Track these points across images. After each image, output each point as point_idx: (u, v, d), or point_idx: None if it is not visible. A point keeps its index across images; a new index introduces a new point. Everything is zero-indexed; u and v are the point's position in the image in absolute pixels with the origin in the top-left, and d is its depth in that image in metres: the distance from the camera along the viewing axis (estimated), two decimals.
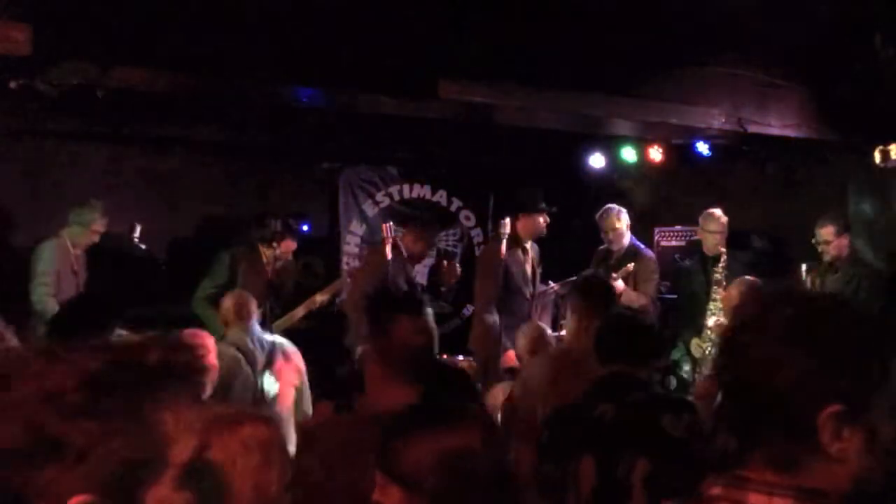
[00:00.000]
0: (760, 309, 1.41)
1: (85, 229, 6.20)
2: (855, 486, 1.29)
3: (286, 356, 4.83)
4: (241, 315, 4.80)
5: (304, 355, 4.99)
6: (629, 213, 6.98)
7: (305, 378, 4.88)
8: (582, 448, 3.02)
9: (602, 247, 7.03)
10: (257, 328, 4.85)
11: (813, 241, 6.35)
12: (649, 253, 6.95)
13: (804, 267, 6.36)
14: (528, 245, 6.73)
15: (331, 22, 5.14)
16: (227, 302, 4.95)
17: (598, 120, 6.55)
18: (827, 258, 6.31)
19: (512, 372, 5.56)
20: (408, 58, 5.34)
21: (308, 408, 4.79)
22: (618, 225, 6.84)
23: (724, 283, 6.40)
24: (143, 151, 7.39)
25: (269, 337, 4.91)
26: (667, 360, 6.43)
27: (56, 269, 6.09)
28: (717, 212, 6.77)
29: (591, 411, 3.08)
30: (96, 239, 6.30)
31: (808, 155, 6.97)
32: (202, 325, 6.31)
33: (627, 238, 6.90)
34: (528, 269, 6.67)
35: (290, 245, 6.70)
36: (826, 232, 6.29)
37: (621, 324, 3.49)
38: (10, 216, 6.93)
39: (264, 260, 6.51)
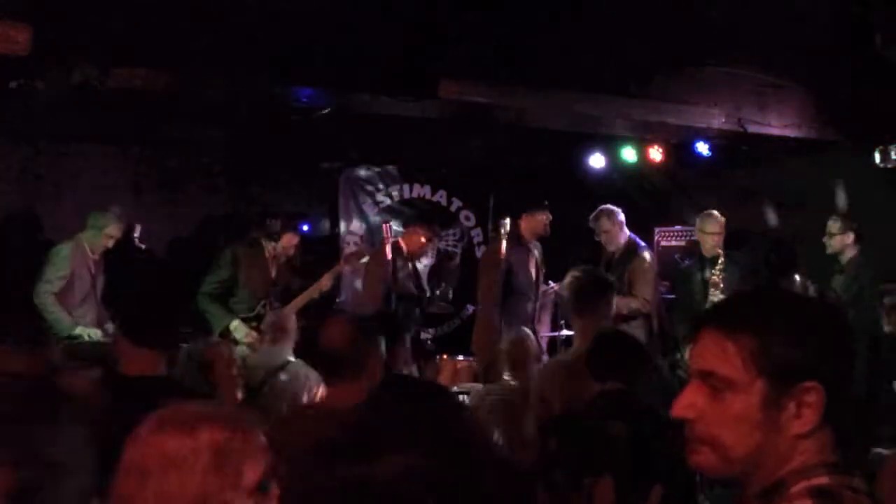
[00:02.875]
0: None
1: (99, 233, 6.25)
2: None
3: None
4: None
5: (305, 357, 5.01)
6: (629, 213, 6.94)
7: None
8: (600, 466, 3.03)
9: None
10: None
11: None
12: (645, 253, 6.78)
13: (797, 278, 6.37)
14: (532, 245, 6.70)
15: (330, 22, 5.14)
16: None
17: (598, 120, 6.56)
18: (829, 251, 6.37)
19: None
20: (408, 58, 5.35)
21: None
22: (608, 226, 6.73)
23: (722, 285, 6.38)
24: (143, 151, 7.39)
25: None
26: (672, 357, 6.42)
27: (71, 272, 6.12)
28: (715, 213, 6.73)
29: (603, 429, 3.10)
30: (110, 244, 6.34)
31: (808, 155, 6.97)
32: (205, 322, 6.34)
33: (623, 238, 6.78)
34: (532, 269, 6.65)
35: (291, 240, 6.69)
36: (832, 225, 6.37)
37: (609, 342, 3.65)
38: (9, 216, 6.93)
39: (266, 256, 6.52)
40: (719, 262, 6.58)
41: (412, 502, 1.04)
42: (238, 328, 6.12)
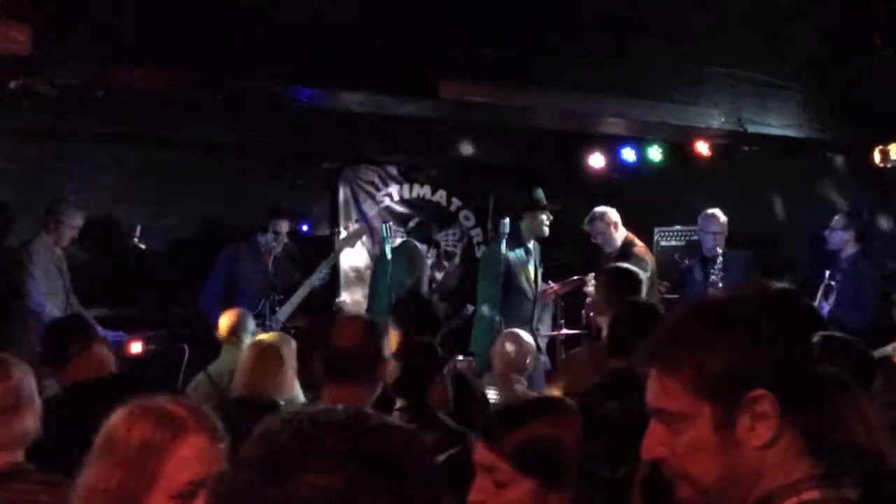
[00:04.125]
0: None
1: (63, 225, 6.25)
2: None
3: None
4: None
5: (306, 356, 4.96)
6: (630, 213, 6.92)
7: None
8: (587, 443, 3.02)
9: None
10: None
11: None
12: (641, 252, 6.66)
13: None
14: (531, 245, 6.70)
15: (330, 22, 5.14)
16: None
17: (598, 120, 6.55)
18: (830, 249, 6.40)
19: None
20: (408, 58, 5.35)
21: None
22: (602, 228, 6.69)
23: (721, 285, 6.37)
24: (142, 151, 7.38)
25: None
26: None
27: (45, 269, 6.13)
28: (717, 212, 6.73)
29: (598, 408, 3.08)
30: (76, 234, 6.34)
31: (808, 155, 6.97)
32: (208, 324, 6.33)
33: (620, 238, 6.73)
34: (531, 269, 6.65)
35: (283, 226, 6.69)
36: (833, 223, 6.40)
37: (634, 316, 3.44)
38: (10, 216, 6.92)
39: (262, 252, 6.54)
40: (719, 262, 6.58)
41: None
42: None
